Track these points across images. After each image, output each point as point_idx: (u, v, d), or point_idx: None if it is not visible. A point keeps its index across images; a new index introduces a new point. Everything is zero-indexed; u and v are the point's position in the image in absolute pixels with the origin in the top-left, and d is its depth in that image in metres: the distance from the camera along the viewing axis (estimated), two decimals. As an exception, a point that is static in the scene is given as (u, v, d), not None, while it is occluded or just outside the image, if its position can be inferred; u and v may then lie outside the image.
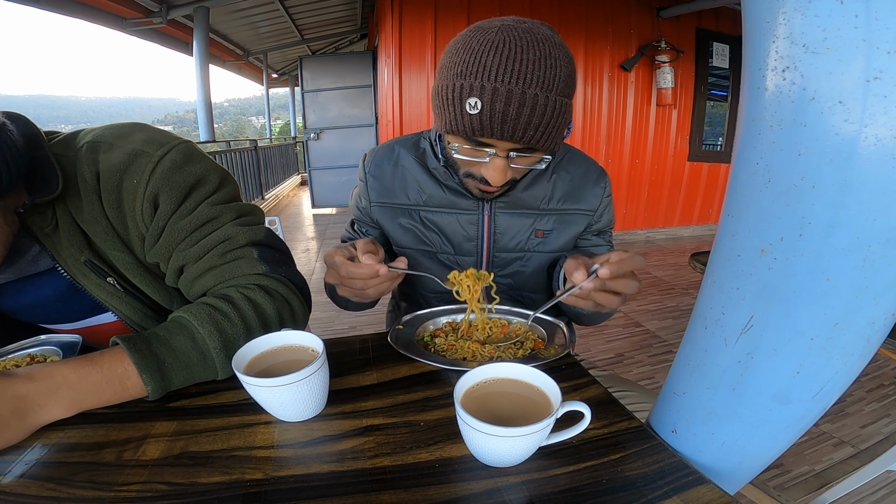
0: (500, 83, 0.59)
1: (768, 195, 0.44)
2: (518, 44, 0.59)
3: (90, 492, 0.43)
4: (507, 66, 0.59)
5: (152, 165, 0.60)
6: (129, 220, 0.61)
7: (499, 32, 0.61)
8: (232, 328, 0.58)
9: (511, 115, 0.59)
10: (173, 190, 0.61)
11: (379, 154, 0.87)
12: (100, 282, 0.62)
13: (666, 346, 2.31)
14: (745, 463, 0.55)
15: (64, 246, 0.60)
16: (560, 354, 0.64)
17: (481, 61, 0.60)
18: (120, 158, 0.60)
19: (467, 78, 0.61)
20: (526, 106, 0.59)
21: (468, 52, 0.61)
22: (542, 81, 0.59)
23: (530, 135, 0.61)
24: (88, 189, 0.59)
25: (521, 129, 0.60)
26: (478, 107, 0.60)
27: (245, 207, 0.69)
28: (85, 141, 0.61)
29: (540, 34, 0.61)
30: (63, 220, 0.59)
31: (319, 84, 5.40)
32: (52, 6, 3.55)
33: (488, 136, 0.62)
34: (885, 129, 0.37)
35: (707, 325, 0.53)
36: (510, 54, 0.59)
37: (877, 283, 0.41)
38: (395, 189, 0.84)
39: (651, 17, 3.96)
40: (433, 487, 0.43)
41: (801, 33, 0.38)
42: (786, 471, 1.45)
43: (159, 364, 0.53)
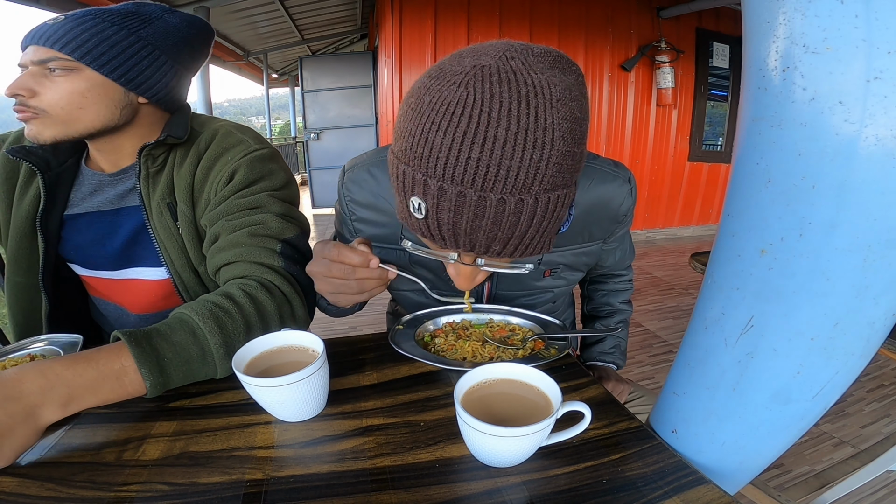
0: (448, 181, 0.40)
1: (768, 195, 0.44)
2: (483, 110, 0.39)
3: (90, 492, 0.43)
4: (460, 149, 0.39)
5: (245, 151, 0.73)
6: (206, 185, 0.73)
7: (463, 84, 0.40)
8: (233, 325, 0.58)
9: (464, 228, 0.42)
10: (248, 172, 0.72)
11: (357, 180, 0.72)
12: (170, 223, 0.73)
13: (666, 346, 2.31)
14: (745, 463, 0.55)
15: (158, 186, 0.73)
16: (560, 354, 0.64)
17: (427, 139, 0.41)
18: (229, 142, 0.74)
19: (410, 164, 0.43)
20: (486, 217, 0.41)
21: (417, 116, 0.42)
22: (513, 178, 0.39)
23: (496, 249, 0.44)
24: (197, 152, 0.74)
25: (483, 244, 0.44)
26: (421, 210, 0.44)
27: (292, 210, 0.74)
28: (217, 125, 0.78)
29: (530, 83, 0.39)
30: (167, 167, 0.73)
31: (319, 84, 5.40)
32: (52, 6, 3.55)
33: (441, 245, 0.46)
34: (885, 129, 0.37)
35: (707, 326, 0.53)
36: (468, 129, 0.39)
37: (877, 284, 0.41)
38: (379, 229, 0.72)
39: (651, 17, 3.96)
40: (433, 487, 0.43)
41: (802, 33, 0.39)
42: (786, 471, 1.45)
43: (158, 359, 0.52)
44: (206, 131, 0.76)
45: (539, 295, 0.79)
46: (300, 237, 0.72)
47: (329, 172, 5.64)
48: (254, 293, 0.62)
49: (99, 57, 0.64)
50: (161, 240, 0.74)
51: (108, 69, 0.65)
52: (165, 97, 0.73)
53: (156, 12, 0.70)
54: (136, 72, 0.67)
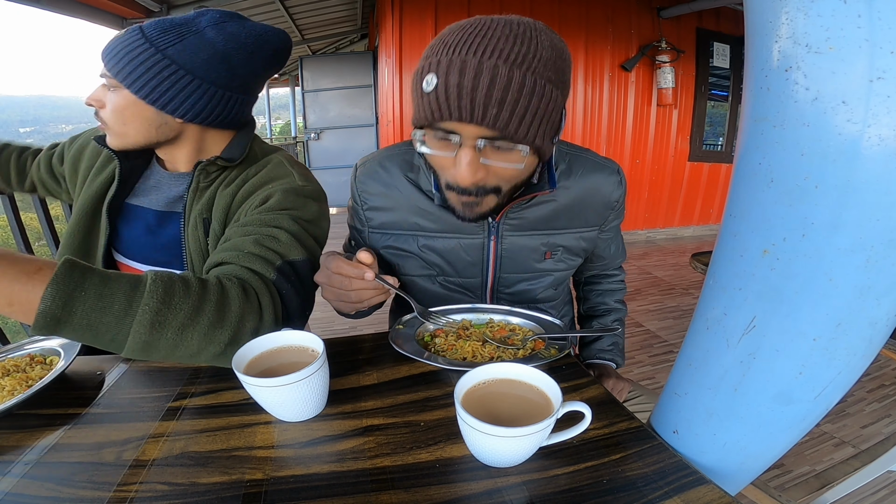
0: (457, 55, 0.52)
1: (771, 195, 0.44)
2: (489, 23, 0.53)
3: (90, 492, 0.43)
4: (468, 39, 0.52)
5: (288, 184, 0.74)
6: (243, 207, 0.72)
7: (468, 21, 0.55)
8: (181, 301, 0.51)
9: (466, 87, 0.51)
10: (281, 199, 0.71)
11: (370, 174, 0.78)
12: (201, 237, 0.74)
13: (667, 347, 2.31)
14: (746, 463, 0.55)
15: (202, 201, 0.74)
16: (560, 354, 0.64)
17: (445, 40, 0.54)
18: (276, 173, 0.75)
19: (428, 57, 0.55)
20: (483, 76, 0.50)
21: (439, 38, 0.56)
22: (507, 54, 0.51)
23: (493, 113, 0.52)
24: (245, 176, 0.75)
25: (480, 105, 0.51)
26: (433, 82, 0.53)
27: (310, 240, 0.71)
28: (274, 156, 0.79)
29: (524, 21, 0.55)
30: (215, 183, 0.75)
31: (320, 84, 5.40)
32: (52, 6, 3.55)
33: (446, 117, 0.53)
34: (888, 129, 0.37)
35: (709, 326, 0.53)
36: (475, 29, 0.53)
37: (879, 284, 0.41)
38: (391, 214, 0.77)
39: (651, 17, 3.95)
40: (433, 487, 0.43)
41: (804, 33, 0.38)
42: (787, 471, 1.44)
43: (74, 288, 0.45)
44: (262, 159, 0.78)
45: (540, 279, 0.82)
46: (305, 263, 0.67)
47: (329, 172, 5.63)
48: (227, 286, 0.57)
49: (128, 76, 0.65)
50: (190, 251, 0.75)
51: (136, 88, 0.66)
52: (207, 117, 0.71)
53: (196, 26, 0.67)
54: (160, 92, 0.66)
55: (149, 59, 0.65)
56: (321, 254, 0.71)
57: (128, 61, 0.65)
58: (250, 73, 0.72)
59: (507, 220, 0.75)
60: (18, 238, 1.73)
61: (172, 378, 0.63)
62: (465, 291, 0.82)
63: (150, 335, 0.48)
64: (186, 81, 0.67)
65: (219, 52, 0.67)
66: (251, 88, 0.75)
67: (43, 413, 0.56)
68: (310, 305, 0.70)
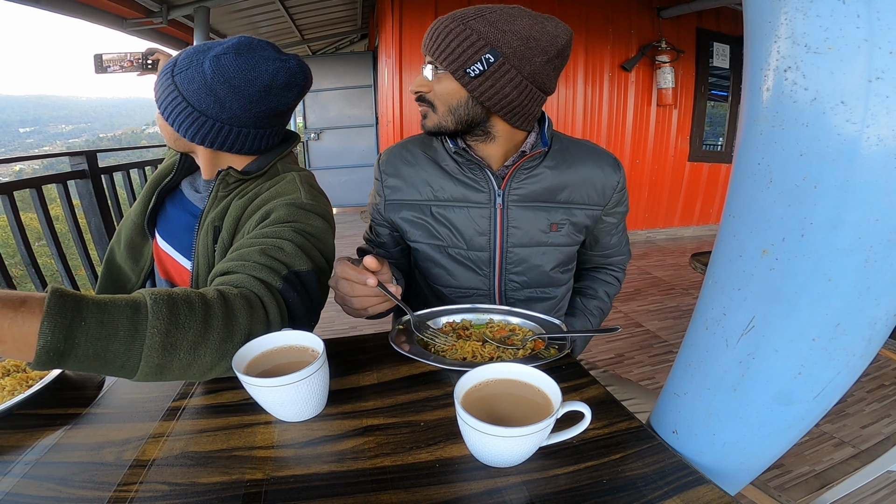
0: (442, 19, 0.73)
1: (770, 195, 0.44)
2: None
3: (90, 492, 0.43)
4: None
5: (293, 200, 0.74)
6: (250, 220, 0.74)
7: None
8: (188, 319, 0.49)
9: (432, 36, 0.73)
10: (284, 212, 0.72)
11: (392, 153, 0.89)
12: (210, 242, 0.77)
13: (666, 347, 2.31)
14: (746, 463, 0.55)
15: (217, 209, 0.77)
16: (560, 354, 0.64)
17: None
18: (285, 189, 0.77)
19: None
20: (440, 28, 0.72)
21: None
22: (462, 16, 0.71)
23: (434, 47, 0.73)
24: (258, 190, 0.78)
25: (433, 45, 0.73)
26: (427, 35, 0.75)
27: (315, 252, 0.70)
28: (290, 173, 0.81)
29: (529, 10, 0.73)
30: (232, 194, 0.78)
31: (320, 84, 5.39)
32: (52, 6, 3.55)
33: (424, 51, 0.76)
34: (887, 129, 0.37)
35: (708, 326, 0.53)
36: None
37: (878, 284, 0.41)
38: (408, 186, 0.86)
39: (651, 18, 3.95)
40: (433, 487, 0.43)
41: (803, 33, 0.38)
42: (786, 471, 1.44)
43: (73, 319, 0.42)
44: (276, 177, 0.80)
45: (548, 252, 0.85)
46: (310, 274, 0.66)
47: (329, 172, 5.63)
48: (231, 299, 0.54)
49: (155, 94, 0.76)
50: (198, 254, 0.79)
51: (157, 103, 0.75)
52: (203, 142, 0.75)
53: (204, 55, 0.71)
54: (168, 112, 0.73)
55: (165, 81, 0.72)
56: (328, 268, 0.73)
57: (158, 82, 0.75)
58: (241, 107, 0.72)
59: (511, 191, 0.81)
60: (18, 238, 1.73)
61: (172, 378, 0.63)
62: (474, 266, 0.85)
63: (163, 358, 0.46)
64: (182, 107, 0.72)
65: (207, 85, 0.70)
66: (248, 122, 0.74)
67: (43, 413, 0.56)
68: (316, 316, 0.69)
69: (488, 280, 0.85)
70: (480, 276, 0.85)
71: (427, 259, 0.87)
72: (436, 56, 0.73)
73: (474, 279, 0.85)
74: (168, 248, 0.85)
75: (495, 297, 0.86)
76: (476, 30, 0.69)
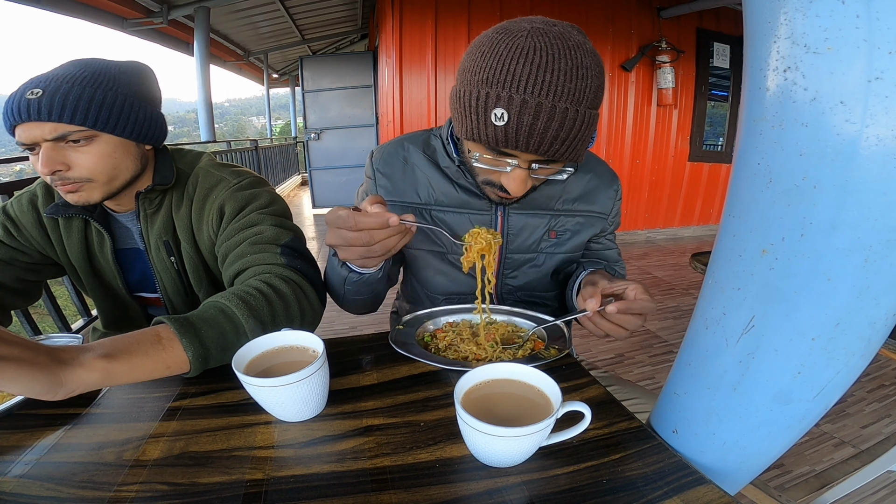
0: (530, 95, 0.56)
1: (769, 195, 0.44)
2: (549, 52, 0.56)
3: (90, 492, 0.43)
4: (537, 76, 0.55)
5: (226, 187, 0.79)
6: (203, 224, 0.79)
7: (528, 37, 0.57)
8: (256, 303, 0.61)
9: (538, 129, 0.57)
10: (234, 203, 0.77)
11: (387, 151, 0.83)
12: (165, 258, 0.81)
13: (666, 347, 2.31)
14: (746, 463, 0.55)
15: (156, 225, 0.79)
16: (560, 355, 0.64)
17: (509, 69, 0.56)
18: (210, 182, 0.80)
19: (493, 87, 0.57)
20: (555, 120, 0.56)
21: (495, 57, 0.57)
22: (572, 94, 0.56)
23: (556, 148, 0.59)
24: (188, 196, 0.80)
25: (548, 143, 0.58)
26: (504, 118, 0.57)
27: (285, 222, 0.78)
28: (198, 167, 0.83)
29: (572, 41, 0.58)
30: (164, 207, 0.80)
31: (320, 84, 5.40)
32: (52, 6, 3.55)
33: (513, 148, 0.59)
34: (886, 129, 0.37)
35: (708, 326, 0.53)
36: (541, 63, 0.55)
37: (878, 284, 0.41)
38: (405, 187, 0.81)
39: (652, 18, 3.95)
40: (433, 487, 0.43)
41: (803, 33, 0.38)
42: (786, 471, 1.44)
43: (196, 330, 0.55)
44: (192, 173, 0.82)
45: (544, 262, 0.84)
46: (296, 241, 0.76)
47: (329, 172, 5.64)
48: (269, 281, 0.66)
49: (107, 121, 0.68)
50: (158, 271, 0.82)
51: (119, 130, 0.70)
52: (160, 139, 0.78)
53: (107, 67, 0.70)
54: (138, 125, 0.72)
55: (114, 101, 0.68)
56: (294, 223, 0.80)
57: (97, 109, 0.66)
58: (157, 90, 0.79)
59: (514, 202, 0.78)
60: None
61: (172, 378, 0.63)
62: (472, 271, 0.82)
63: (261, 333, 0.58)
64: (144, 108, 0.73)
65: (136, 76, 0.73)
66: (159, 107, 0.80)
67: (43, 413, 0.56)
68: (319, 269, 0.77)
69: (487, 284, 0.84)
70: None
71: (427, 266, 0.84)
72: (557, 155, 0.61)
73: (472, 284, 0.83)
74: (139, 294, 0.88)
75: (493, 301, 0.86)
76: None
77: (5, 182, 1.69)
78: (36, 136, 0.64)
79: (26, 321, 1.57)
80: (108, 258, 0.81)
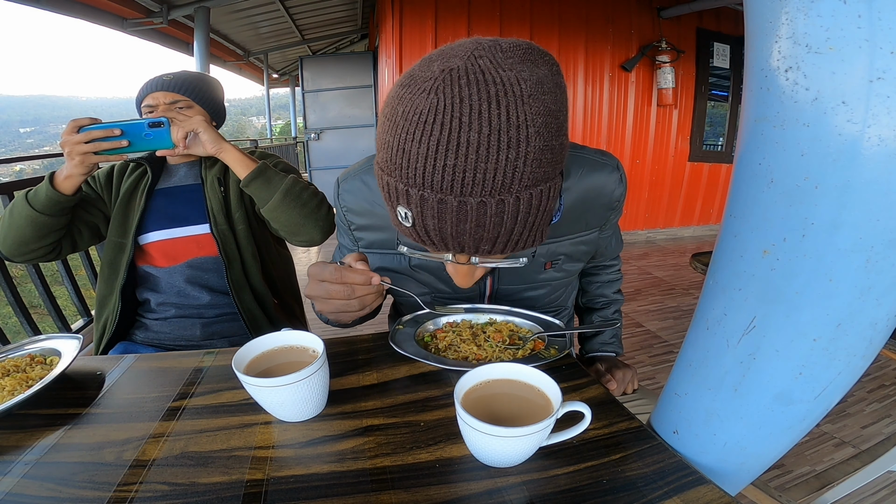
0: (428, 190, 0.41)
1: (771, 195, 0.44)
2: (454, 114, 0.39)
3: (90, 492, 0.43)
4: (435, 160, 0.40)
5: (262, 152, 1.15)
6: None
7: (432, 91, 0.40)
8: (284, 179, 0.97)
9: (449, 232, 0.43)
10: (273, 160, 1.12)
11: (352, 191, 0.73)
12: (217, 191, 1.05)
13: (667, 347, 2.31)
14: (746, 464, 0.55)
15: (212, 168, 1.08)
16: (560, 355, 0.64)
17: (405, 150, 0.41)
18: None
19: (392, 175, 0.44)
20: (468, 221, 0.42)
21: (393, 126, 0.43)
22: (490, 180, 0.40)
23: (485, 248, 0.45)
24: None
25: (471, 245, 0.45)
26: (409, 219, 0.45)
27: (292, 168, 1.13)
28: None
29: (499, 82, 0.39)
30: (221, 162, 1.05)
31: (320, 84, 5.40)
32: (52, 6, 3.55)
33: (432, 249, 0.48)
34: (888, 130, 0.37)
35: (709, 326, 0.53)
36: (440, 138, 0.39)
37: (879, 284, 0.41)
38: (378, 234, 0.73)
39: (652, 18, 3.95)
40: (433, 487, 0.43)
41: (804, 33, 0.38)
42: (787, 471, 1.44)
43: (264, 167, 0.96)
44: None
45: (540, 288, 0.79)
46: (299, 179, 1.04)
47: (329, 172, 5.64)
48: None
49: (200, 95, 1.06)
50: (211, 203, 1.04)
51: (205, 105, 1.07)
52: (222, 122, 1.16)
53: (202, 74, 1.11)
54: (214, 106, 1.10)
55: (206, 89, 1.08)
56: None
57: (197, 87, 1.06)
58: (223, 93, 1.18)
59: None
60: (19, 238, 1.73)
61: (172, 378, 0.63)
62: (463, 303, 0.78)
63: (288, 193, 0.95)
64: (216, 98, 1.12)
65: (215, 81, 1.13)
66: None
67: (43, 413, 0.56)
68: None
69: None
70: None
71: (414, 307, 0.76)
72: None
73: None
74: (170, 233, 1.03)
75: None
76: None
77: (5, 182, 1.69)
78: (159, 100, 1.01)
79: (26, 321, 1.57)
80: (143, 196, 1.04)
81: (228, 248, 1.03)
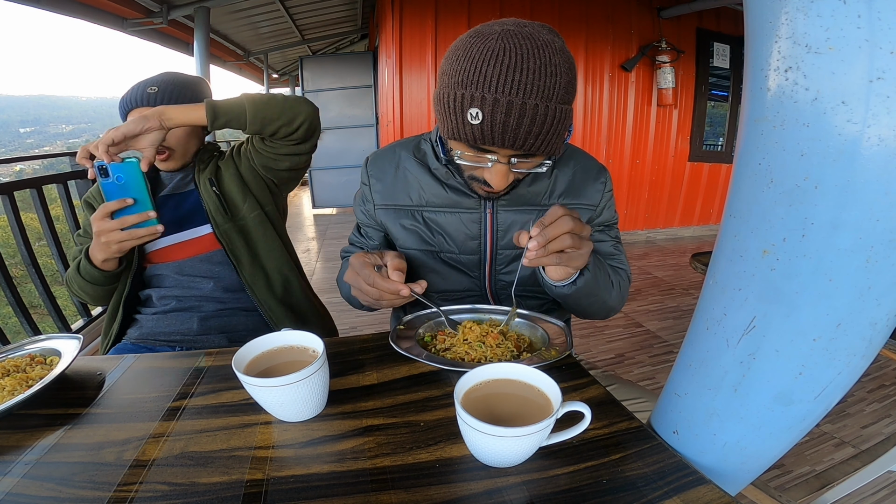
0: (501, 94, 0.59)
1: (771, 195, 0.44)
2: (518, 52, 0.59)
3: (90, 492, 0.43)
4: (507, 76, 0.59)
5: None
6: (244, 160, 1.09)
7: (499, 39, 0.60)
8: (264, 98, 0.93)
9: (511, 126, 0.60)
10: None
11: (380, 157, 0.88)
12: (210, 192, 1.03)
13: (667, 347, 2.31)
14: (746, 464, 0.55)
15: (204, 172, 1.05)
16: (561, 355, 0.64)
17: (481, 71, 0.60)
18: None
19: (468, 88, 0.61)
20: (526, 116, 0.60)
21: (468, 60, 0.62)
22: (541, 91, 0.60)
23: (530, 143, 0.62)
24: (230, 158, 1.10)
25: (522, 139, 0.62)
26: (479, 117, 0.61)
27: None
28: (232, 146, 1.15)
29: (540, 40, 0.61)
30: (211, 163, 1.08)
31: (320, 84, 5.40)
32: (52, 6, 3.55)
33: (490, 144, 0.63)
34: (888, 130, 0.37)
35: (709, 326, 0.53)
36: (510, 64, 0.59)
37: (879, 284, 0.41)
38: (398, 191, 0.85)
39: (652, 18, 3.95)
40: (433, 487, 0.43)
41: (804, 33, 0.38)
42: (787, 471, 1.44)
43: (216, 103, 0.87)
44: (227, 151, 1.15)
45: None
46: None
47: (329, 172, 5.64)
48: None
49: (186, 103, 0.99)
50: (208, 204, 1.03)
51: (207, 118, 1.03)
52: None
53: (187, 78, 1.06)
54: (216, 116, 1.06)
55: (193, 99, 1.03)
56: None
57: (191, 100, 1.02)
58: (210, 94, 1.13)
59: (501, 196, 0.80)
60: (19, 238, 1.73)
61: (172, 378, 0.63)
62: (465, 269, 0.84)
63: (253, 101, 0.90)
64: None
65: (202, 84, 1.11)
66: None
67: (43, 413, 0.56)
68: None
69: (480, 282, 0.85)
70: (472, 277, 0.85)
71: (420, 266, 0.86)
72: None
73: (466, 281, 0.85)
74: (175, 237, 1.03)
75: (488, 298, 0.86)
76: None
77: (5, 182, 1.70)
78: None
79: (26, 321, 1.57)
80: None
81: (234, 247, 1.03)
